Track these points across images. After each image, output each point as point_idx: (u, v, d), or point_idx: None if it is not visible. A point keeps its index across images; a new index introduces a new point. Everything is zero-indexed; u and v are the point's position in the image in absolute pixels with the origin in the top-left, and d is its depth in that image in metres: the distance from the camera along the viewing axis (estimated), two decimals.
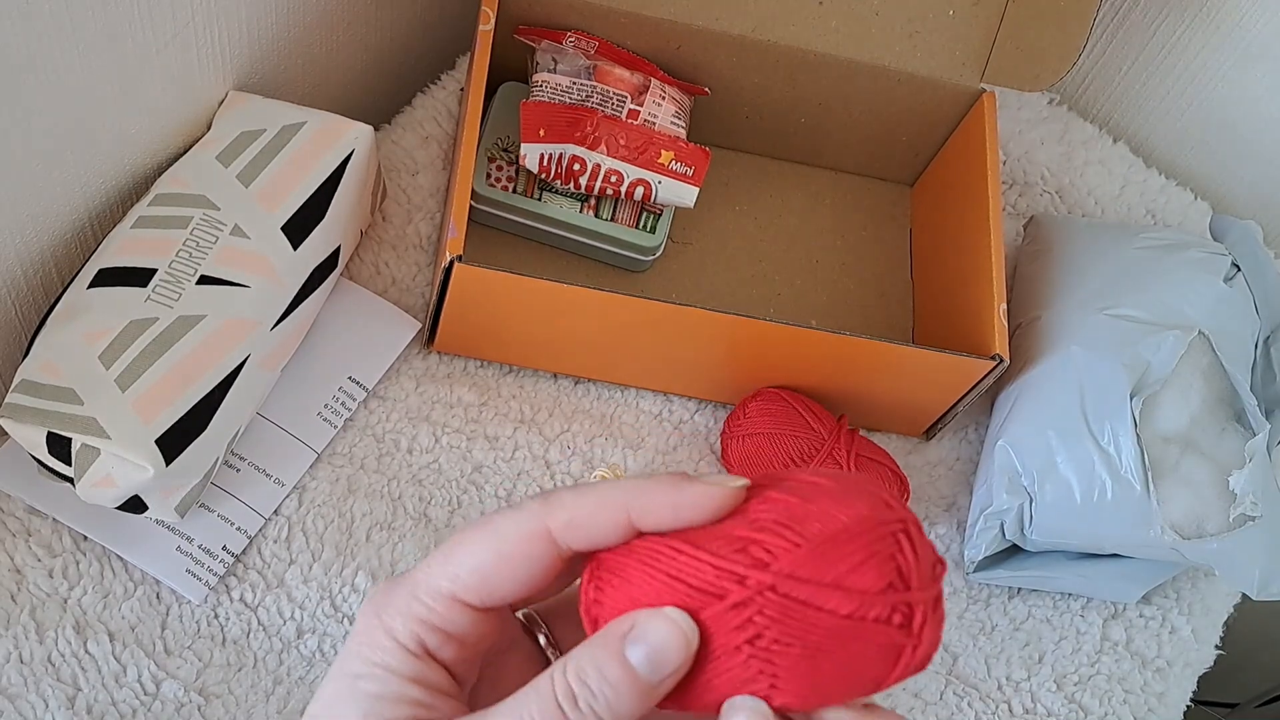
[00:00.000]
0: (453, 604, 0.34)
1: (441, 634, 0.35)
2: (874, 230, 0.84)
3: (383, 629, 0.34)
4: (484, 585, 0.34)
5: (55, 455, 0.58)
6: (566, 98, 0.72)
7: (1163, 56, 0.89)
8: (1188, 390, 0.70)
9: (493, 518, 0.35)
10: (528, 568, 0.34)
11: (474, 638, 0.35)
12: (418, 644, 0.34)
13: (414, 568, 0.36)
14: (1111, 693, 0.73)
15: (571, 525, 0.34)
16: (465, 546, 0.35)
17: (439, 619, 0.34)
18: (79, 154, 0.61)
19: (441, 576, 0.35)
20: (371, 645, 0.34)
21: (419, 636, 0.34)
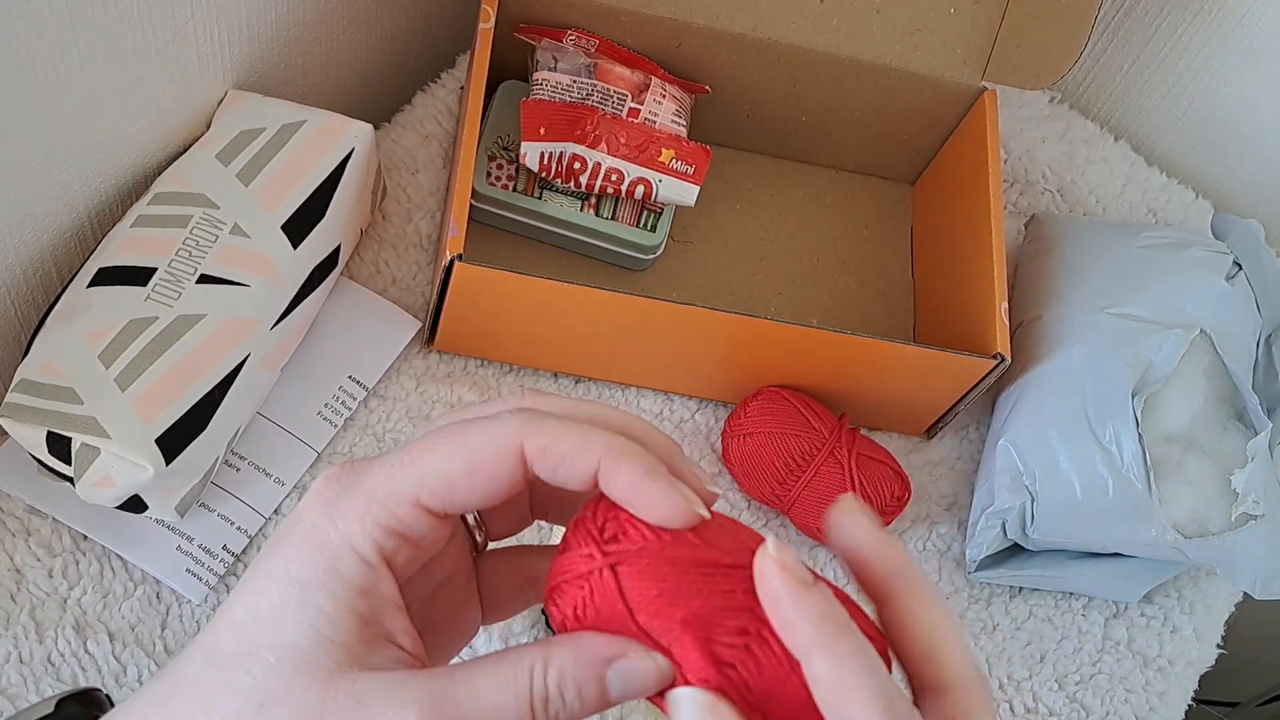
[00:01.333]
0: (416, 509, 0.33)
1: (400, 538, 0.33)
2: (875, 229, 0.84)
3: (338, 533, 0.33)
4: (450, 494, 0.33)
5: (55, 455, 0.58)
6: (567, 96, 0.72)
7: (1164, 55, 0.88)
8: (1190, 389, 0.70)
9: (468, 426, 0.34)
10: (495, 483, 0.33)
11: (429, 540, 0.34)
12: (375, 551, 0.33)
13: (370, 463, 0.34)
14: (1113, 692, 0.73)
15: (545, 454, 0.33)
16: (435, 453, 0.33)
17: (400, 524, 0.33)
18: (78, 153, 0.61)
19: (406, 480, 0.33)
20: (324, 550, 0.33)
21: (378, 543, 0.33)
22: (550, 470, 0.33)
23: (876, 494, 0.69)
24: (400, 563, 0.34)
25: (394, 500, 0.33)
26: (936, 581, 0.74)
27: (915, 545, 0.74)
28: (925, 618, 0.33)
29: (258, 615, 0.32)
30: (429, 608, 0.37)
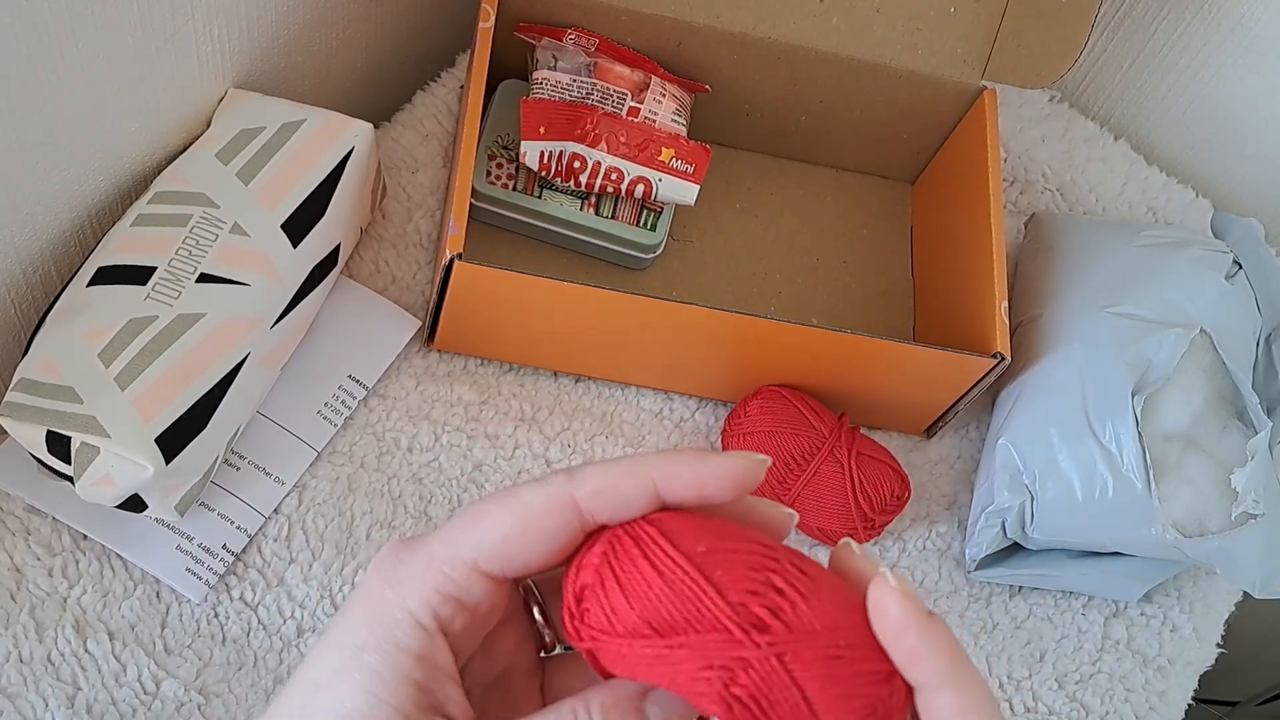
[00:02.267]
0: (473, 573, 0.34)
1: (456, 604, 0.34)
2: (875, 228, 0.84)
3: (396, 599, 0.33)
4: (506, 554, 0.34)
5: (55, 454, 0.58)
6: (567, 95, 0.72)
7: (1164, 54, 0.88)
8: (1189, 388, 0.70)
9: (517, 488, 0.34)
10: (551, 538, 0.34)
11: (485, 608, 0.34)
12: (432, 617, 0.33)
13: (428, 534, 0.34)
14: (1113, 691, 0.73)
15: (597, 494, 0.33)
16: (489, 515, 0.34)
17: (456, 589, 0.33)
18: (78, 152, 0.61)
19: (464, 545, 0.34)
20: (381, 617, 0.33)
21: (434, 609, 0.33)
22: (609, 507, 0.33)
23: (876, 493, 0.69)
24: (457, 630, 0.34)
25: (450, 564, 0.33)
26: (936, 581, 0.74)
27: (915, 544, 0.74)
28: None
29: (316, 683, 0.33)
30: (489, 696, 0.37)
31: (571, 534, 0.34)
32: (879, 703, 0.31)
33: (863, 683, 0.31)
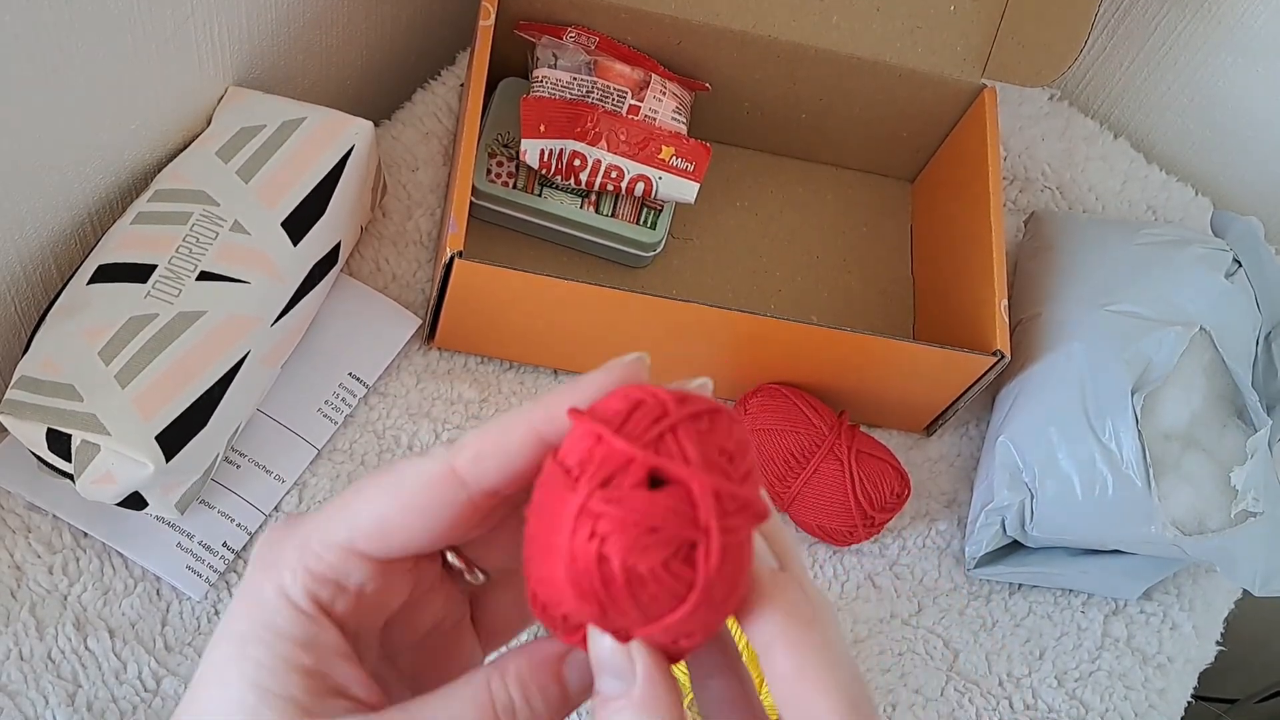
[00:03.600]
0: (348, 555, 0.32)
1: (335, 586, 0.32)
2: (875, 226, 0.84)
3: (271, 584, 0.32)
4: (384, 535, 0.32)
5: (55, 452, 0.58)
6: (567, 93, 0.72)
7: (1164, 52, 0.88)
8: (1189, 386, 0.70)
9: (396, 464, 0.32)
10: (433, 515, 0.31)
11: (373, 589, 0.32)
12: (309, 600, 0.32)
13: (306, 515, 0.33)
14: (1112, 689, 0.73)
15: (479, 459, 0.31)
16: (365, 493, 0.32)
17: (332, 571, 0.32)
18: (78, 150, 0.61)
19: (338, 526, 0.32)
20: (259, 602, 0.32)
21: (310, 592, 0.32)
22: (494, 469, 0.31)
23: (876, 491, 0.69)
24: (342, 611, 0.32)
25: (324, 546, 0.32)
26: (936, 578, 0.74)
27: (915, 542, 0.74)
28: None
29: (205, 680, 0.32)
30: (418, 655, 0.36)
31: (457, 509, 0.31)
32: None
33: None
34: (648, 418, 0.29)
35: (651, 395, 0.29)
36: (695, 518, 0.28)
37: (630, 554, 0.28)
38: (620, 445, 0.28)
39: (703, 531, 0.28)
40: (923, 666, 0.71)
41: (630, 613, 0.29)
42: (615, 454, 0.28)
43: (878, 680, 0.70)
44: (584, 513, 0.28)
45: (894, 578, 0.73)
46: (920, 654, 0.71)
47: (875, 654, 0.71)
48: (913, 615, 0.72)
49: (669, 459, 0.28)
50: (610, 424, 0.29)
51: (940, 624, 0.72)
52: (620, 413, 0.29)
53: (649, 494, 0.28)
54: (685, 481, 0.28)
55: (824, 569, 0.73)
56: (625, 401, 0.29)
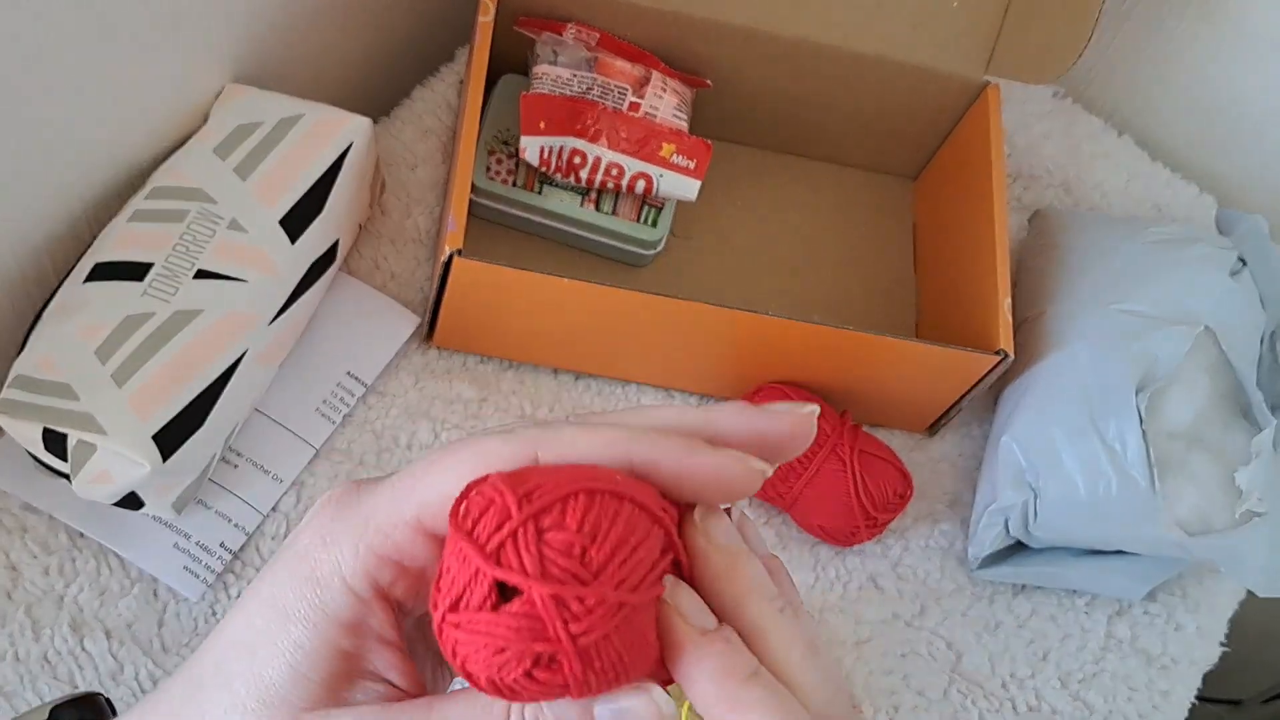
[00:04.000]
0: (416, 534, 0.30)
1: (397, 568, 0.31)
2: (877, 224, 0.83)
3: (329, 560, 0.30)
4: None
5: (51, 451, 0.57)
6: (567, 90, 0.72)
7: (1169, 48, 0.88)
8: (1194, 386, 0.69)
9: (480, 439, 0.30)
10: None
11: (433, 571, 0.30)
12: (368, 583, 0.30)
13: (373, 483, 0.31)
14: (1116, 690, 0.72)
15: (564, 461, 0.30)
16: (439, 466, 0.30)
17: (396, 551, 0.30)
18: (74, 147, 0.60)
19: (408, 501, 0.30)
20: (312, 580, 0.30)
21: (371, 574, 0.30)
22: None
23: (878, 491, 0.69)
24: (399, 594, 0.31)
25: (391, 524, 0.30)
26: (939, 579, 0.73)
27: (917, 542, 0.74)
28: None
29: (236, 641, 0.31)
30: None
31: None
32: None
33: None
34: (493, 522, 0.27)
35: (499, 494, 0.28)
36: (544, 630, 0.27)
37: (490, 670, 0.27)
38: (470, 555, 0.27)
39: (554, 641, 0.27)
40: (925, 668, 0.71)
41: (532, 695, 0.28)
42: (466, 564, 0.27)
43: (880, 682, 0.70)
44: (442, 634, 0.28)
45: (897, 579, 0.73)
46: (923, 655, 0.71)
47: (878, 655, 0.70)
48: (915, 616, 0.72)
49: (508, 570, 0.27)
50: (463, 529, 0.28)
51: (943, 625, 0.72)
52: (475, 513, 0.28)
53: (492, 615, 0.27)
54: (526, 592, 0.27)
55: (826, 570, 0.72)
56: (482, 500, 0.28)
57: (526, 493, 0.28)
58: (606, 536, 0.28)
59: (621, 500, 0.28)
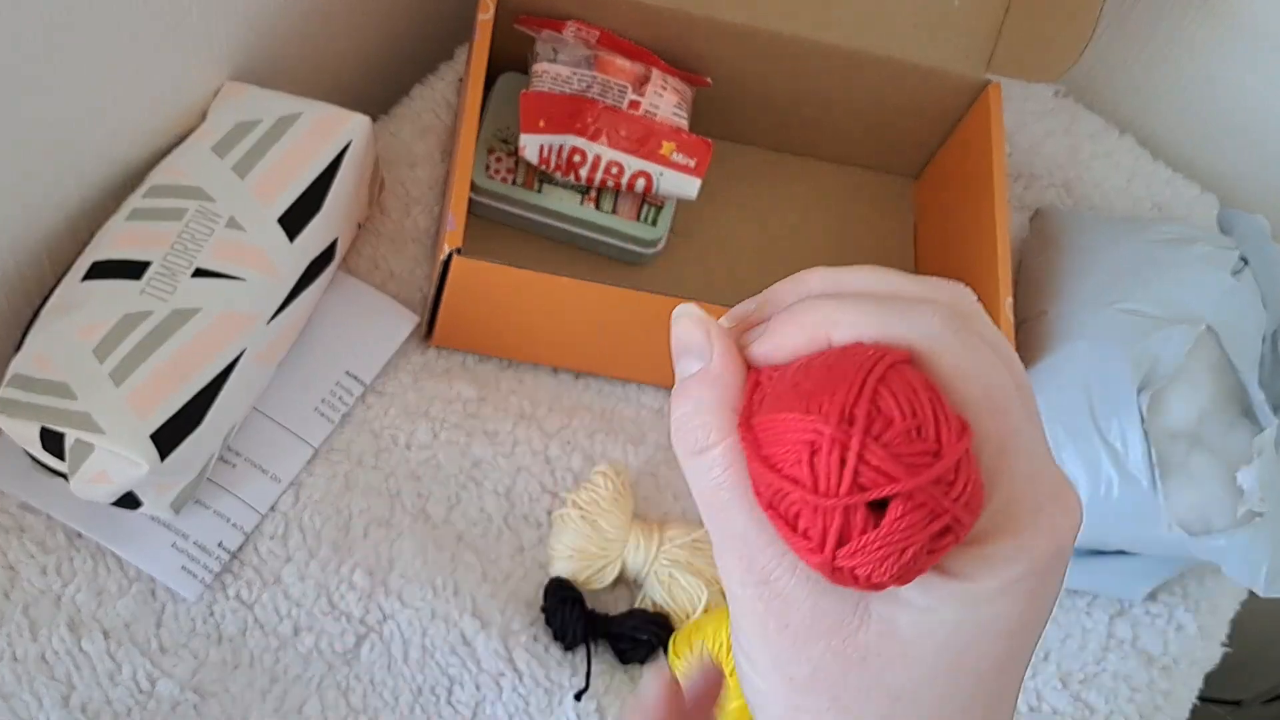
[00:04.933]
0: None
1: None
2: (878, 223, 0.83)
3: None
4: None
5: (49, 450, 0.57)
6: (567, 88, 0.72)
7: (1170, 47, 0.88)
8: (1195, 385, 0.69)
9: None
10: None
11: None
12: None
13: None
14: (1117, 690, 0.72)
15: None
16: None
17: None
18: (72, 145, 0.60)
19: None
20: None
21: None
22: None
23: None
24: None
25: None
26: None
27: None
28: None
29: None
30: None
31: None
32: None
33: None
34: (833, 459, 0.28)
35: (815, 431, 0.28)
36: (933, 510, 0.28)
37: (895, 569, 0.28)
38: (824, 499, 0.28)
39: (945, 513, 0.28)
40: None
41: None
42: (820, 509, 0.28)
43: None
44: (839, 574, 0.28)
45: None
46: None
47: None
48: None
49: (877, 489, 0.28)
50: (802, 478, 0.28)
51: None
52: (805, 458, 0.28)
53: (880, 531, 0.28)
54: (900, 489, 0.28)
55: None
56: (799, 446, 0.29)
57: (839, 413, 0.28)
58: (920, 402, 0.28)
59: (895, 367, 0.29)
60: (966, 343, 0.30)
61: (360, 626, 0.64)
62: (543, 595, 0.66)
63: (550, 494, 0.69)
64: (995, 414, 0.29)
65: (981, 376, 0.29)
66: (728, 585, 0.31)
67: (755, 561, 0.30)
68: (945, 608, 0.29)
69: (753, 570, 0.30)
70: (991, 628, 0.29)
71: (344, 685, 0.63)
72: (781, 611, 0.29)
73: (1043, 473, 0.30)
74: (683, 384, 0.31)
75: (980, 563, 0.29)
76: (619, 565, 0.66)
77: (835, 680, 0.29)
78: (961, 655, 0.29)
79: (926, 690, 0.29)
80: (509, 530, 0.68)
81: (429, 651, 0.64)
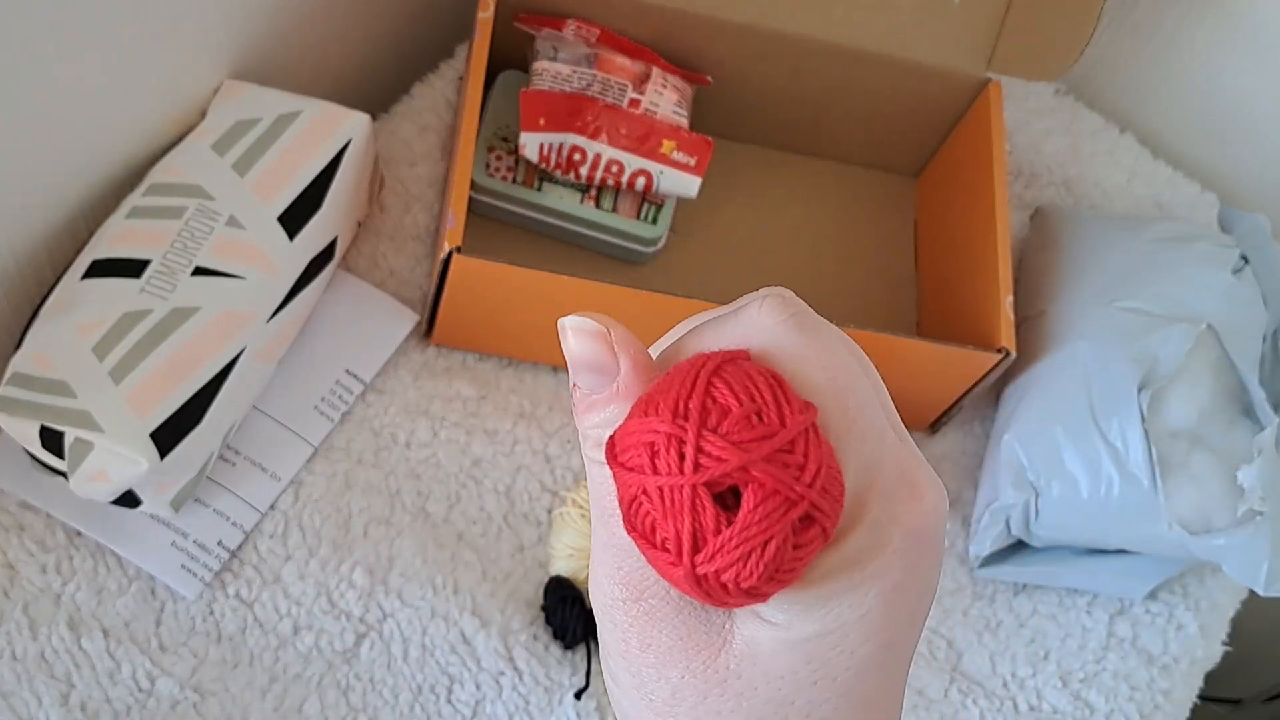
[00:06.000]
0: None
1: None
2: (878, 222, 0.83)
3: None
4: None
5: (48, 449, 0.57)
6: (567, 86, 0.72)
7: (1171, 46, 0.88)
8: (1196, 384, 0.69)
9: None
10: None
11: None
12: None
13: None
14: (1117, 690, 0.72)
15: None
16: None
17: None
18: (71, 143, 0.60)
19: None
20: None
21: None
22: None
23: None
24: None
25: None
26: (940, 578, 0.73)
27: None
28: None
29: None
30: None
31: None
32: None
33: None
34: (672, 452, 0.27)
35: (654, 430, 0.28)
36: (787, 497, 0.27)
37: (766, 570, 0.27)
38: (675, 492, 0.27)
39: (800, 500, 0.27)
40: (926, 667, 0.70)
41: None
42: (675, 504, 0.27)
43: None
44: (703, 581, 0.27)
45: None
46: (924, 654, 0.71)
47: None
48: None
49: (723, 476, 0.27)
50: (643, 472, 0.28)
51: (944, 624, 0.72)
52: (645, 454, 0.28)
53: (736, 530, 0.27)
54: (750, 482, 0.27)
55: None
56: (640, 442, 0.28)
57: (672, 410, 0.28)
58: (757, 389, 0.28)
59: (732, 361, 0.28)
60: (802, 326, 0.29)
61: (360, 625, 0.64)
62: (543, 594, 0.66)
63: (550, 492, 0.69)
64: (839, 394, 0.28)
65: (819, 358, 0.29)
66: (598, 602, 0.30)
67: (631, 575, 0.29)
68: (804, 621, 0.28)
69: (628, 584, 0.29)
70: (854, 633, 0.28)
71: (344, 684, 0.63)
72: (646, 631, 0.29)
73: (897, 457, 0.29)
74: (589, 397, 0.30)
75: (835, 561, 0.28)
76: None
77: (695, 703, 0.29)
78: (824, 667, 0.28)
79: (788, 709, 0.28)
80: (509, 529, 0.68)
81: (429, 650, 0.64)
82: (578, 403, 0.30)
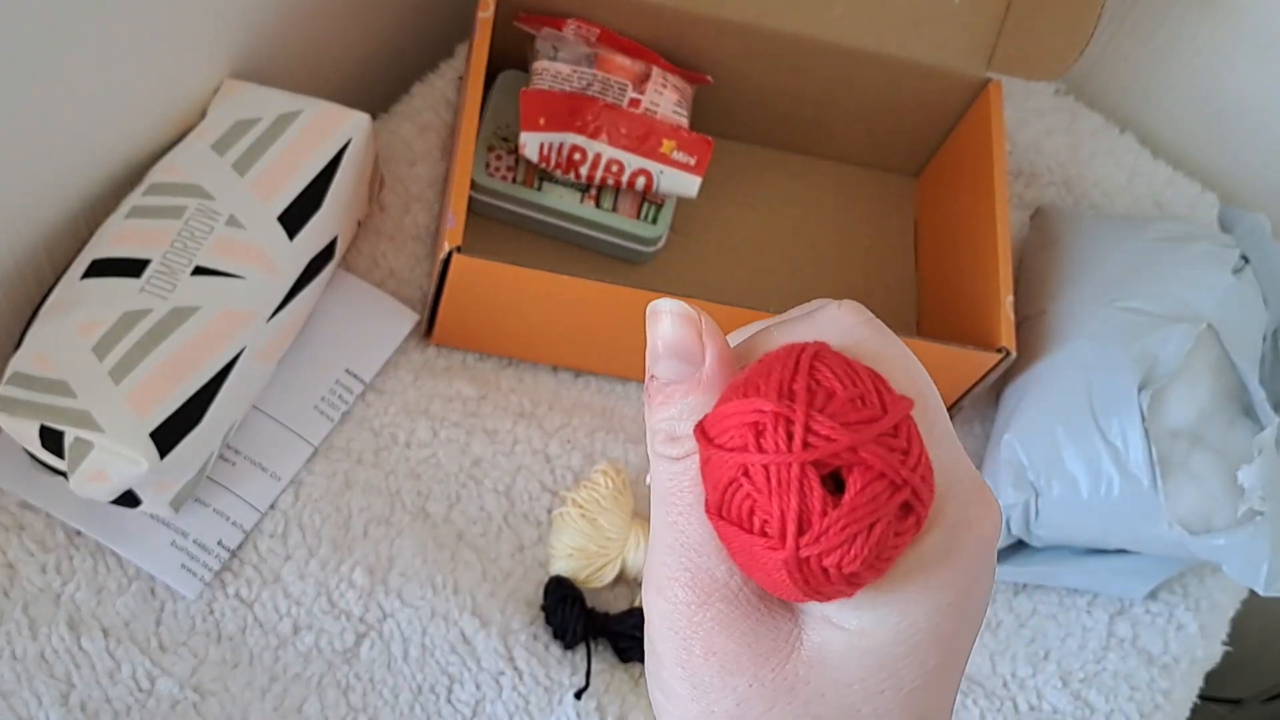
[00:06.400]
0: None
1: None
2: (878, 221, 0.83)
3: None
4: None
5: (48, 449, 0.57)
6: (567, 86, 0.71)
7: (1171, 45, 0.88)
8: (1196, 384, 0.69)
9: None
10: None
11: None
12: None
13: None
14: (1117, 690, 0.72)
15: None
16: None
17: None
18: (71, 142, 0.60)
19: None
20: None
21: None
22: None
23: None
24: None
25: None
26: None
27: None
28: None
29: None
30: None
31: None
32: None
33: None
34: (780, 433, 0.27)
35: (758, 411, 0.27)
36: (892, 482, 0.26)
37: (870, 557, 0.26)
38: (785, 472, 0.27)
39: (905, 485, 0.26)
40: None
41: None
42: (783, 486, 0.27)
43: None
44: (807, 565, 0.27)
45: None
46: None
47: None
48: None
49: (833, 458, 0.27)
50: (750, 452, 0.27)
51: None
52: (752, 436, 0.27)
53: (843, 511, 0.27)
54: (857, 462, 0.27)
55: None
56: (745, 425, 0.27)
57: (776, 391, 0.27)
58: (858, 376, 0.27)
59: (828, 349, 0.28)
60: (880, 331, 0.29)
61: (360, 625, 0.64)
62: (543, 594, 0.66)
63: (550, 492, 0.69)
64: (920, 396, 0.28)
65: (900, 359, 0.29)
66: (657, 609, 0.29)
67: (699, 576, 0.28)
68: (878, 628, 0.27)
69: (695, 586, 0.28)
70: (925, 640, 0.27)
71: (344, 684, 0.63)
72: (711, 637, 0.28)
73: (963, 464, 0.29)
74: (667, 387, 0.29)
75: (912, 562, 0.27)
76: (619, 564, 0.66)
77: (761, 712, 0.28)
78: (894, 676, 0.28)
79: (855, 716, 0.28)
80: (509, 529, 0.68)
81: (429, 650, 0.64)
82: (653, 394, 0.30)
